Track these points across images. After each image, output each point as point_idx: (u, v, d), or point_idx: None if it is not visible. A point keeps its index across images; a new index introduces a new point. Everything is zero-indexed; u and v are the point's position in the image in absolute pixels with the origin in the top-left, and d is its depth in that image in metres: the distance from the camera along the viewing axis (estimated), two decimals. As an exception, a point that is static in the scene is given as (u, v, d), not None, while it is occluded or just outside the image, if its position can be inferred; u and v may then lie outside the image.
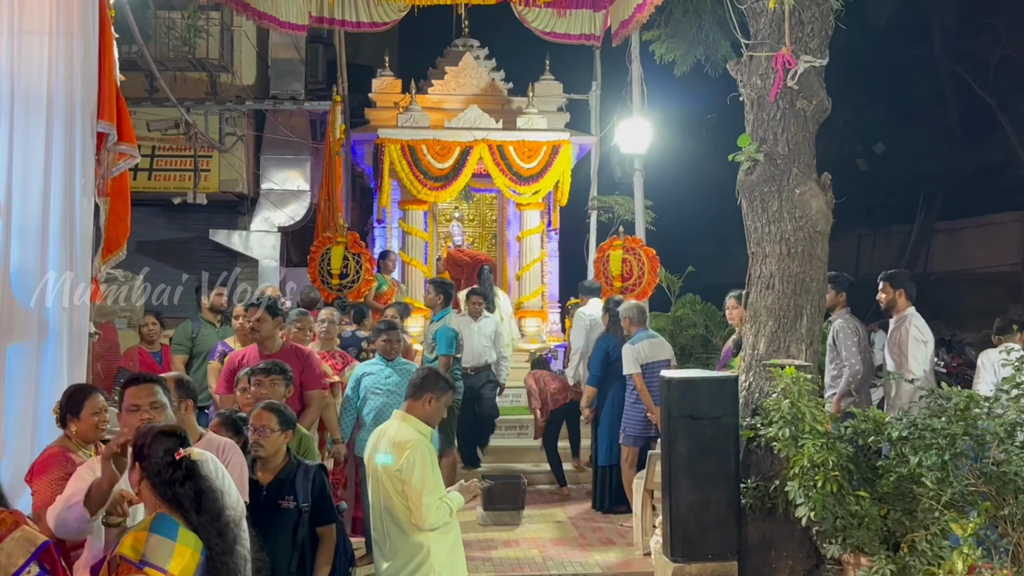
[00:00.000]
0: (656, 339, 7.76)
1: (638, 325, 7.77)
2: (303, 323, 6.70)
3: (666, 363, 7.66)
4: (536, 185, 11.94)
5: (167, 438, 2.99)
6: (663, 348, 7.74)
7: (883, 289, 6.50)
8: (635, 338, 7.72)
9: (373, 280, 10.05)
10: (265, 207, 12.86)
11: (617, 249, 10.17)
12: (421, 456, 4.06)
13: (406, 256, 11.94)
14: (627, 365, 7.65)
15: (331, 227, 10.22)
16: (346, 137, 11.78)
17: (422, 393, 4.21)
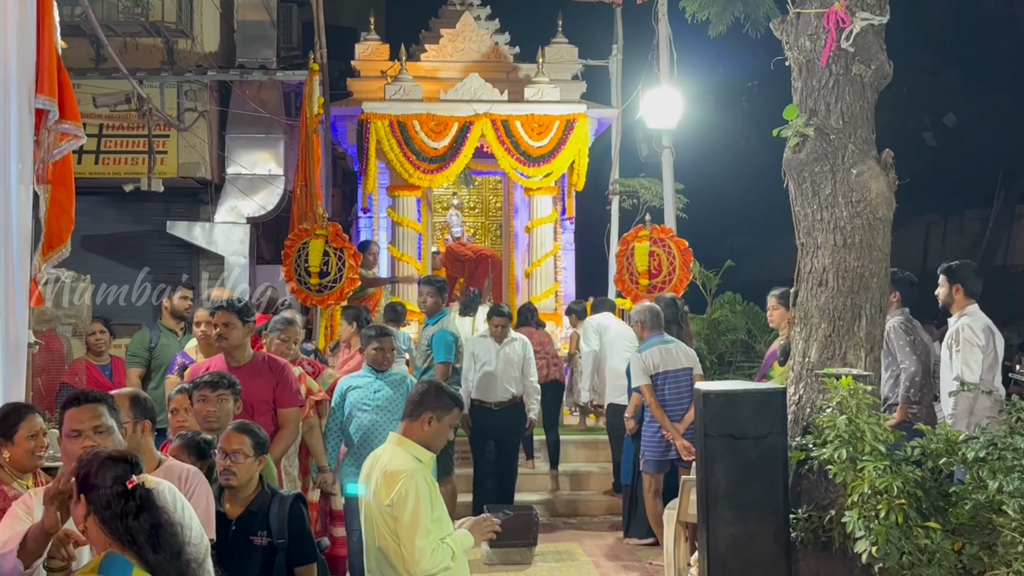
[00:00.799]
0: (671, 345, 7.81)
1: (651, 330, 7.86)
2: (287, 333, 6.70)
3: (685, 373, 7.70)
4: (547, 166, 11.96)
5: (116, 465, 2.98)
6: (680, 356, 7.78)
7: (940, 283, 6.57)
8: (645, 345, 7.82)
9: (359, 279, 10.08)
10: (232, 195, 12.90)
11: (643, 241, 10.16)
12: (416, 489, 3.97)
13: (396, 251, 11.97)
14: (634, 376, 7.75)
15: (309, 217, 10.24)
16: (325, 112, 11.81)
17: (420, 412, 4.14)
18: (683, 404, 7.72)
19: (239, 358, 5.86)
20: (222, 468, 4.39)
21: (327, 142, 12.49)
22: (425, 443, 4.13)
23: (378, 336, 6.71)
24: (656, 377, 7.68)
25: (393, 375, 6.66)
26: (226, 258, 12.85)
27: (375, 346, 6.68)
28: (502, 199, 13.87)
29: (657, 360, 7.69)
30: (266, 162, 12.97)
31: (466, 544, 4.14)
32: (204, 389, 5.05)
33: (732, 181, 18.24)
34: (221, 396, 5.06)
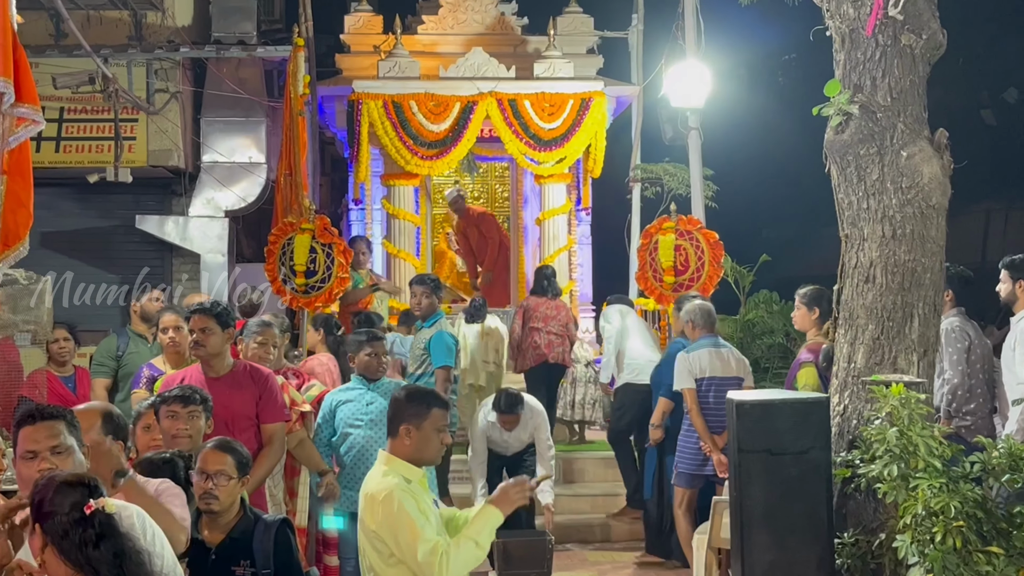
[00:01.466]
0: (723, 350, 7.87)
1: (703, 330, 7.92)
2: (264, 336, 6.73)
3: (734, 383, 7.73)
4: (560, 151, 11.97)
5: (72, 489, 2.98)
6: (731, 362, 7.83)
7: (1002, 279, 6.59)
8: (694, 346, 7.87)
9: (349, 279, 10.09)
10: (208, 185, 12.93)
11: (668, 233, 10.15)
12: (398, 504, 3.96)
13: (392, 246, 11.99)
14: (678, 378, 7.80)
15: (294, 210, 10.25)
16: (312, 92, 11.81)
17: (396, 425, 4.16)
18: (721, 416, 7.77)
19: (218, 368, 5.87)
20: (202, 491, 4.39)
21: (314, 126, 12.49)
22: (412, 458, 4.13)
23: (369, 340, 6.73)
24: (701, 382, 7.73)
25: (386, 384, 6.68)
26: (202, 256, 12.86)
27: (367, 351, 6.68)
28: (510, 188, 13.86)
29: (705, 363, 7.74)
30: (246, 149, 12.99)
31: (493, 524, 4.09)
32: (174, 404, 5.05)
33: (767, 166, 18.21)
34: (192, 413, 5.06)
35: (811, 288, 7.31)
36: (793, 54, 18.84)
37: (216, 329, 5.82)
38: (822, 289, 7.21)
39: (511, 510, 4.17)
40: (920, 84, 5.93)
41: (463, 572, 4.00)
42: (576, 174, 12.92)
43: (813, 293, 7.26)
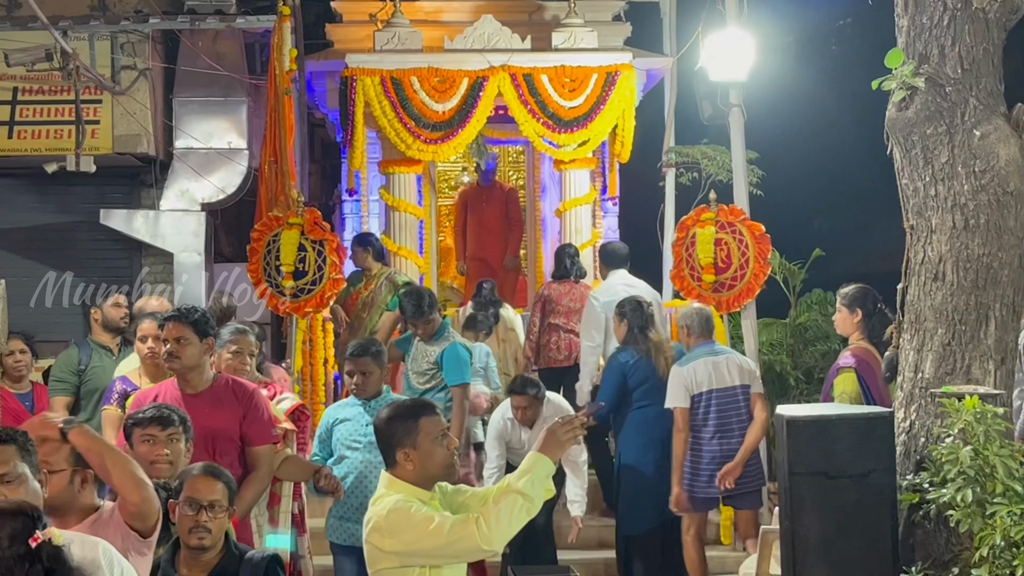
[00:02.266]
0: (721, 358, 8.10)
1: (699, 337, 8.16)
2: (239, 344, 6.76)
3: (738, 393, 8.01)
4: (583, 132, 11.96)
5: (13, 519, 2.98)
6: (731, 371, 8.05)
7: None
8: (689, 357, 8.11)
9: (343, 279, 10.11)
10: (182, 175, 12.96)
11: (707, 225, 10.13)
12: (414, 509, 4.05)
13: (392, 243, 11.99)
14: (670, 395, 8.01)
15: (280, 203, 10.27)
16: (299, 68, 11.83)
17: (391, 454, 4.21)
18: (735, 432, 7.98)
19: (195, 383, 5.90)
20: (193, 524, 4.41)
21: (301, 106, 12.51)
22: (419, 480, 4.19)
23: (352, 357, 6.79)
24: (699, 398, 7.95)
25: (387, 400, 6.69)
26: (176, 255, 12.88)
27: (347, 369, 6.78)
28: (525, 175, 13.84)
29: (702, 376, 7.95)
30: (225, 133, 13.01)
31: (541, 473, 4.11)
32: (152, 427, 5.06)
33: (820, 147, 18.16)
34: (172, 436, 5.08)
35: (853, 287, 7.43)
36: (848, 19, 18.78)
37: (193, 338, 5.85)
38: (865, 288, 7.38)
39: (560, 454, 4.19)
40: (995, 53, 5.92)
41: (511, 530, 4.02)
42: (601, 159, 12.88)
43: (855, 293, 7.37)
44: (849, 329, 7.43)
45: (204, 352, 5.93)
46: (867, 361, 7.17)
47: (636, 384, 8.46)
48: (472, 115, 11.84)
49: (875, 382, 7.12)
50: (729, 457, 7.93)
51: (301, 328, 10.22)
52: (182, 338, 5.84)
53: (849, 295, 7.38)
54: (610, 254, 10.41)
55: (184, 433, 5.15)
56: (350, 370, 6.79)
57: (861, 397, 6.97)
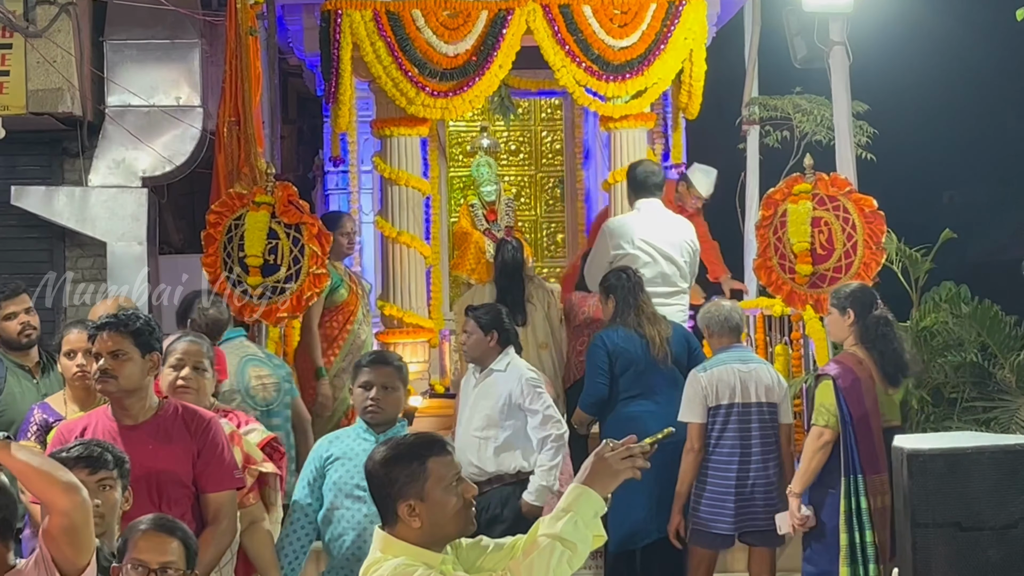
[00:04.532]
0: (751, 367, 8.54)
1: (724, 338, 8.66)
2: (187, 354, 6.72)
3: (764, 411, 8.45)
4: (639, 80, 11.90)
5: None
6: (761, 383, 8.48)
7: None
8: (712, 361, 8.61)
9: (326, 275, 10.09)
10: (117, 141, 12.97)
11: (803, 200, 10.09)
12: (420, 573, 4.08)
13: (390, 226, 11.95)
14: (685, 406, 8.49)
15: (244, 176, 10.28)
16: (268, 2, 11.85)
17: (390, 509, 4.23)
18: (754, 460, 8.39)
19: (135, 411, 5.89)
20: None
21: (271, 50, 12.53)
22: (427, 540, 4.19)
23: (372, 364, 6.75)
24: (718, 411, 8.39)
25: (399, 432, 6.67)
26: (109, 244, 12.86)
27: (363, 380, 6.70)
28: (563, 137, 13.83)
29: (726, 386, 8.38)
30: (172, 86, 13.01)
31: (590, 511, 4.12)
32: (77, 471, 5.02)
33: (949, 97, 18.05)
34: (104, 482, 5.06)
35: (846, 287, 8.29)
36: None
37: (133, 353, 5.82)
38: (862, 287, 8.35)
39: (613, 487, 4.17)
40: None
41: None
42: (662, 114, 12.87)
43: (847, 293, 8.13)
44: (842, 333, 8.14)
45: (148, 371, 5.90)
46: (851, 369, 7.79)
47: (622, 370, 8.97)
48: (493, 59, 11.76)
49: (857, 396, 7.71)
50: (744, 489, 8.31)
51: (273, 339, 10.22)
52: (119, 352, 5.80)
53: (840, 294, 8.17)
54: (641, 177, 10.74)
55: (121, 478, 5.13)
56: (365, 382, 6.72)
57: (838, 411, 7.65)
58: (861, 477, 7.70)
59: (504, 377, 8.50)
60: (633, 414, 8.82)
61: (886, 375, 7.97)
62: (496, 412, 8.40)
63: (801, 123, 12.38)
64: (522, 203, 14.03)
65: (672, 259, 10.50)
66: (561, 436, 8.33)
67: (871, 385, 7.83)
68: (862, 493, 7.67)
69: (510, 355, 8.59)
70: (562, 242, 13.90)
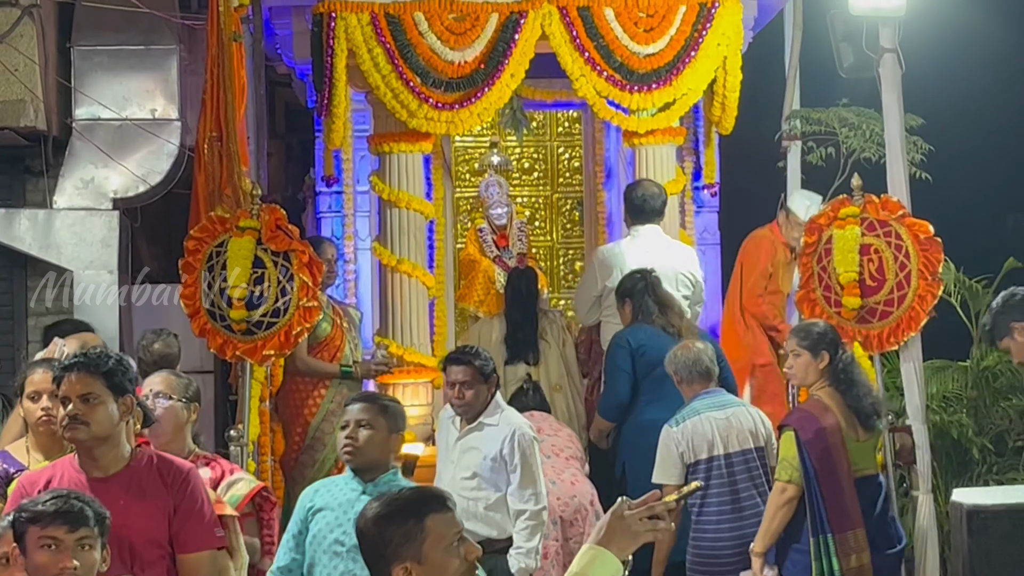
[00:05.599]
0: (730, 411, 8.75)
1: (693, 384, 8.85)
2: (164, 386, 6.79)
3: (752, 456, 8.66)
4: (667, 91, 11.93)
5: None
6: (744, 426, 8.68)
7: None
8: (685, 411, 8.73)
9: (318, 308, 10.11)
10: (85, 158, 12.99)
11: (850, 224, 10.07)
12: None
13: (387, 253, 11.97)
14: (657, 467, 8.67)
15: (226, 197, 10.30)
16: (254, 4, 11.87)
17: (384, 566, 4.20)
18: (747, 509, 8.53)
19: (105, 462, 5.90)
20: None
21: (257, 57, 12.53)
22: None
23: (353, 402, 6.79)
24: (698, 467, 8.55)
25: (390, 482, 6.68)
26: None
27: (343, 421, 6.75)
28: (582, 153, 13.83)
29: (703, 438, 8.56)
30: (147, 97, 13.03)
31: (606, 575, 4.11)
32: (54, 527, 5.05)
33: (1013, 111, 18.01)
34: (85, 541, 5.07)
35: (814, 326, 8.55)
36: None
37: (106, 396, 5.83)
38: (829, 325, 8.64)
39: (632, 550, 4.16)
40: None
41: None
42: (693, 129, 12.86)
43: (819, 333, 8.40)
44: (810, 377, 8.31)
45: (121, 416, 5.91)
46: (815, 418, 7.99)
47: (644, 372, 9.37)
48: (504, 67, 11.80)
49: (823, 447, 7.87)
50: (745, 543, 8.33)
51: (258, 379, 10.21)
52: (91, 395, 5.81)
53: (812, 334, 8.39)
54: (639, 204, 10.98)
55: (100, 536, 5.14)
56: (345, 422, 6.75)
57: (800, 465, 7.83)
58: (831, 536, 7.83)
59: (497, 431, 8.54)
60: (653, 422, 9.00)
61: (861, 420, 8.15)
62: (487, 469, 8.43)
63: (848, 139, 12.37)
64: (536, 227, 14.03)
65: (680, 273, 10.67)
66: (539, 514, 8.36)
67: (838, 434, 7.96)
68: (833, 554, 7.80)
69: (502, 405, 8.68)
70: (580, 271, 13.87)
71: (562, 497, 9.26)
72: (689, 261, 10.78)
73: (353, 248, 13.16)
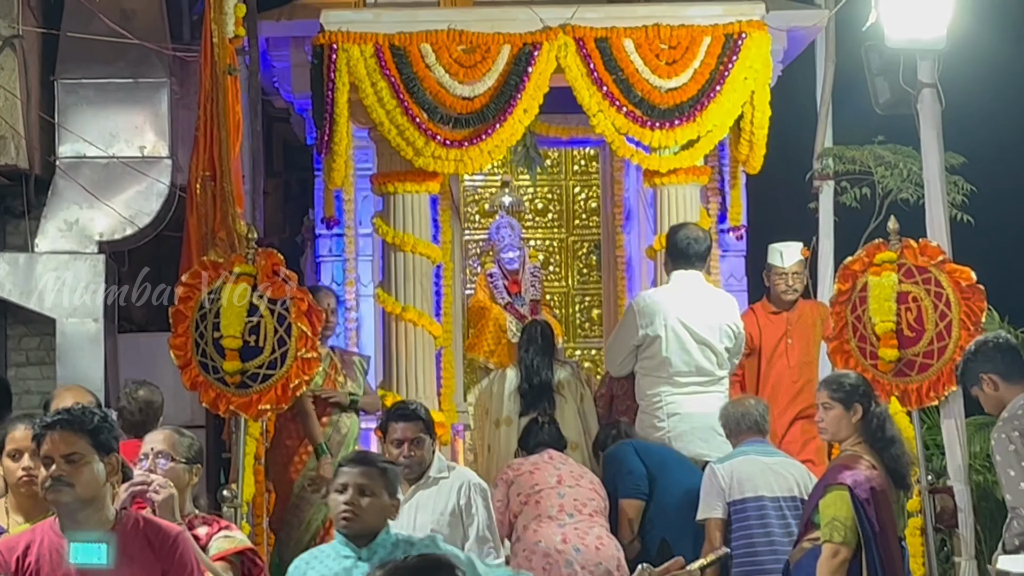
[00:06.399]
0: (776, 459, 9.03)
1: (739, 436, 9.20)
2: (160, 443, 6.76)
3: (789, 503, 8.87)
4: (690, 127, 11.94)
5: None
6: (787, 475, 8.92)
7: None
8: (731, 453, 9.09)
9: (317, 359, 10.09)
10: (68, 198, 13.02)
11: (887, 271, 10.05)
12: None
13: (391, 300, 11.95)
14: (703, 501, 9.04)
15: (220, 240, 10.29)
16: (249, 34, 11.88)
17: None
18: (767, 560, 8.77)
19: (89, 526, 5.86)
20: None
21: (253, 92, 12.54)
22: None
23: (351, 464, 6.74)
24: (739, 506, 8.82)
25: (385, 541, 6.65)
26: (59, 322, 12.90)
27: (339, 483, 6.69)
28: (600, 194, 13.84)
29: (745, 477, 8.82)
30: (135, 133, 13.07)
31: None
32: None
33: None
34: None
35: (845, 377, 8.67)
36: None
37: (91, 456, 5.81)
38: (862, 377, 8.78)
39: None
40: None
41: None
42: (718, 168, 12.86)
43: (852, 385, 8.52)
44: (843, 432, 8.41)
45: (108, 476, 5.90)
46: (867, 476, 8.01)
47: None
48: (516, 102, 11.82)
49: (876, 507, 7.90)
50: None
51: (253, 435, 10.18)
52: (75, 455, 5.77)
53: (844, 386, 8.51)
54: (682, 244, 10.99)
55: None
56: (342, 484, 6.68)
57: (856, 523, 7.80)
58: None
59: (449, 483, 8.61)
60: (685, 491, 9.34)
61: (896, 480, 8.29)
62: (445, 525, 8.44)
63: (884, 178, 12.38)
64: (551, 272, 14.07)
65: (709, 345, 10.72)
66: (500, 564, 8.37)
67: (887, 493, 8.09)
68: None
69: (443, 459, 8.80)
70: (598, 319, 13.91)
71: (587, 566, 9.32)
72: (731, 311, 10.83)
73: (355, 295, 13.20)
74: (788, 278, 11.95)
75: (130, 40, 12.71)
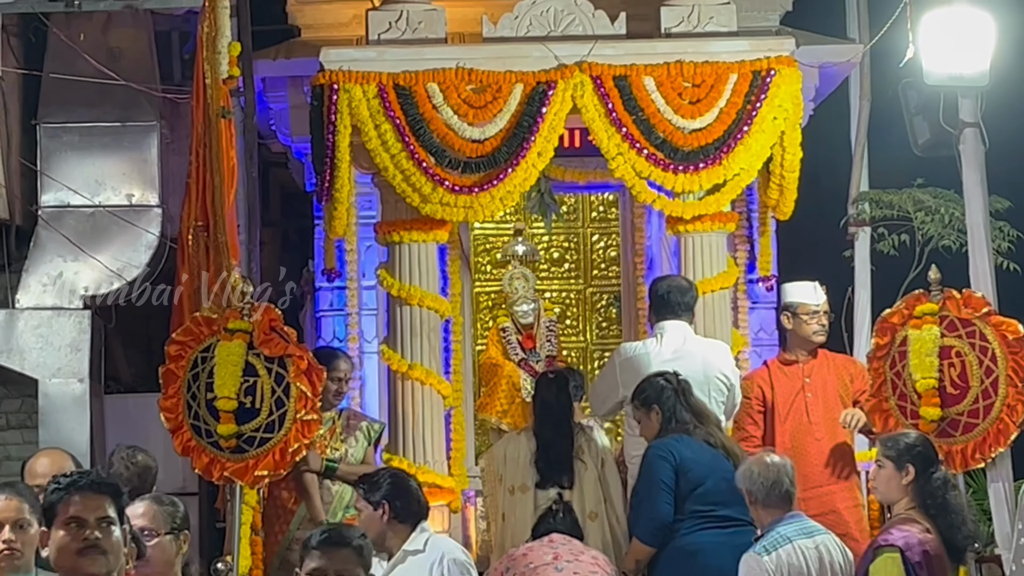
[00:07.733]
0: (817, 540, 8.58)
1: (771, 508, 8.66)
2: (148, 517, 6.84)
3: None
4: (716, 171, 11.94)
5: None
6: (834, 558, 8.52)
7: None
8: (772, 537, 8.54)
9: (319, 423, 10.12)
10: (51, 251, 13.06)
11: (928, 324, 10.10)
12: None
13: (397, 357, 11.98)
14: None
15: (214, 294, 10.36)
16: (245, 74, 11.91)
17: None
18: None
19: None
20: None
21: (249, 135, 12.59)
22: None
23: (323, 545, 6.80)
24: None
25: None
26: (41, 383, 12.91)
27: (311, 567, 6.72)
28: (620, 242, 13.88)
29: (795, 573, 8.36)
30: (123, 181, 13.11)
31: None
32: None
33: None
34: None
35: (904, 436, 8.56)
36: None
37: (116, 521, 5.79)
38: (924, 438, 8.60)
39: None
40: None
41: None
42: (746, 214, 12.88)
43: (908, 445, 8.40)
44: (895, 494, 8.36)
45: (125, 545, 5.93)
46: (920, 541, 7.90)
47: (688, 490, 9.37)
48: (530, 145, 11.83)
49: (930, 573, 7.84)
50: None
51: (250, 504, 10.22)
52: (106, 519, 5.69)
53: (899, 445, 8.41)
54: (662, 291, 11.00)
55: None
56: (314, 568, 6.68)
57: None
58: None
59: (424, 559, 8.62)
60: (697, 546, 9.14)
61: (951, 553, 8.16)
62: None
63: (924, 224, 12.41)
64: (568, 326, 14.03)
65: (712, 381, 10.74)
66: None
67: (943, 560, 7.99)
68: None
69: (427, 531, 8.79)
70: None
71: None
72: (721, 360, 10.76)
73: (358, 351, 13.15)
74: (820, 316, 11.71)
75: (117, 81, 12.73)
